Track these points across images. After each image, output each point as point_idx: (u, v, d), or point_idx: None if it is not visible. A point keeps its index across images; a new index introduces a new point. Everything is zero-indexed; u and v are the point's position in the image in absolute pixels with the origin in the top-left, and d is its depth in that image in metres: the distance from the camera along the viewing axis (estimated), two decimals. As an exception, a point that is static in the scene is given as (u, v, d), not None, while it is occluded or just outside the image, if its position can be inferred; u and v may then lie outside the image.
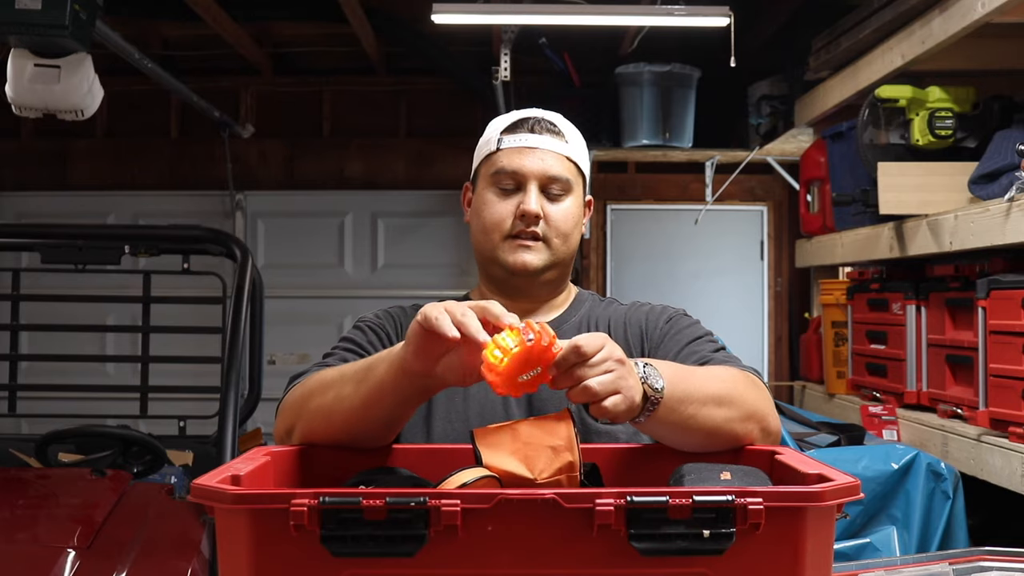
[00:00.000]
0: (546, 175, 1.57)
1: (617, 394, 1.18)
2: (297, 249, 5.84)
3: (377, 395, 1.30)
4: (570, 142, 1.61)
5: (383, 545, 0.99)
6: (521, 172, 1.56)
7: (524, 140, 1.58)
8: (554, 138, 1.59)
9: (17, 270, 3.82)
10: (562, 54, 5.23)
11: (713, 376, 1.36)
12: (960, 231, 2.92)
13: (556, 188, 1.57)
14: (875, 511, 2.96)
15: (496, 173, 1.58)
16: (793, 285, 5.72)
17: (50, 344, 4.95)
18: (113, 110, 5.73)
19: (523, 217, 1.55)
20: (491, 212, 1.58)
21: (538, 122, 1.60)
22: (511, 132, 1.59)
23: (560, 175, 1.57)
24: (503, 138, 1.59)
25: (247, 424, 4.10)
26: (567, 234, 1.59)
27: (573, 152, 1.60)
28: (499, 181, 1.58)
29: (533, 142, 1.57)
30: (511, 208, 1.57)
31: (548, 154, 1.57)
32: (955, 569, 2.09)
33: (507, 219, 1.57)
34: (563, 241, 1.59)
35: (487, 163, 1.61)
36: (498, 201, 1.58)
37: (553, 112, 1.65)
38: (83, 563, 2.46)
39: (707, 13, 3.92)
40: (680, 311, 1.64)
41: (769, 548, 1.01)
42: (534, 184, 1.56)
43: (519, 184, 1.57)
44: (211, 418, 3.24)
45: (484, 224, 1.59)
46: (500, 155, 1.58)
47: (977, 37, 2.99)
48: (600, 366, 1.18)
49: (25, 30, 2.97)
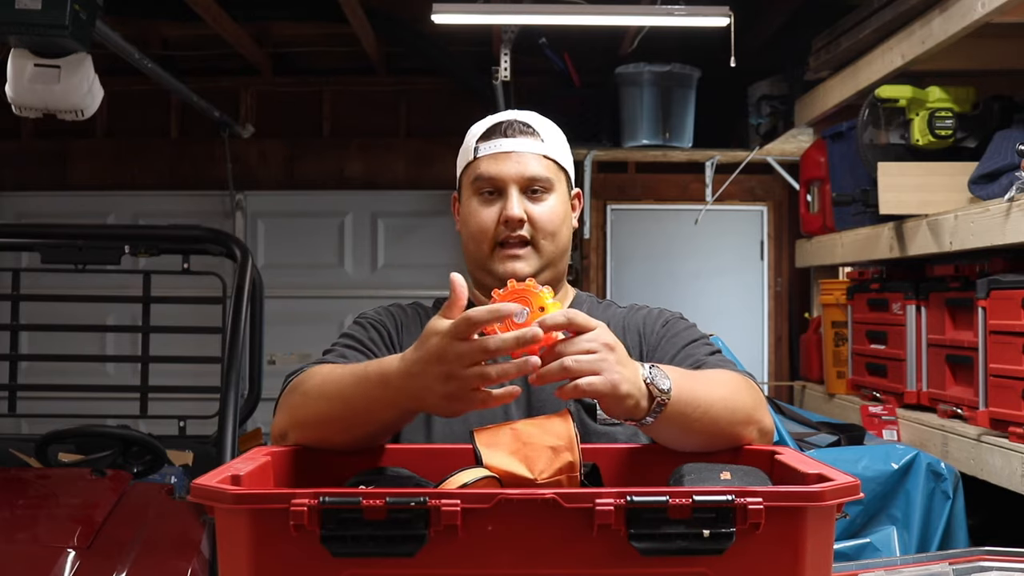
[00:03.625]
0: (524, 177, 1.57)
1: (595, 375, 1.18)
2: (297, 249, 5.84)
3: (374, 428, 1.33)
4: (546, 140, 1.61)
5: (383, 545, 0.99)
6: (499, 177, 1.57)
7: (499, 145, 1.58)
8: (529, 139, 1.59)
9: (17, 270, 3.82)
10: (562, 54, 5.23)
11: (716, 379, 1.37)
12: (960, 231, 2.92)
13: (539, 188, 1.58)
14: (875, 511, 2.96)
15: (476, 181, 1.59)
16: (793, 285, 5.72)
17: (50, 344, 4.94)
18: (113, 110, 5.73)
19: (507, 223, 1.56)
20: (476, 221, 1.59)
21: (511, 125, 1.60)
22: (486, 139, 1.60)
23: (539, 174, 1.58)
24: (479, 146, 1.60)
25: (247, 424, 4.10)
26: (554, 233, 1.59)
27: (551, 150, 1.60)
28: (480, 189, 1.59)
29: (508, 146, 1.58)
30: (494, 215, 1.57)
31: (525, 156, 1.58)
32: (955, 569, 2.09)
33: (492, 226, 1.57)
34: (551, 241, 1.59)
35: (467, 172, 1.62)
36: (482, 209, 1.59)
37: (528, 112, 1.65)
38: (83, 563, 2.46)
39: (707, 13, 3.92)
40: (677, 314, 1.64)
41: (769, 548, 1.01)
42: (514, 188, 1.57)
43: (499, 190, 1.58)
44: (211, 418, 3.24)
45: (472, 233, 1.60)
46: (478, 163, 1.59)
47: (977, 37, 2.99)
48: (581, 344, 1.18)
49: (25, 30, 2.97)
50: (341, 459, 1.35)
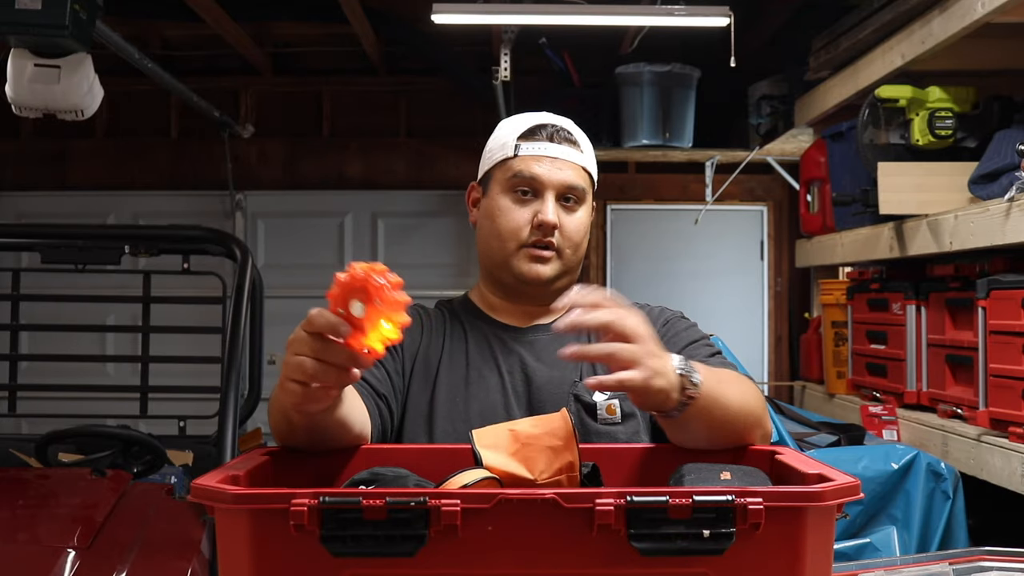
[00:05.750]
0: (564, 185, 1.57)
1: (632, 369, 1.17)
2: (297, 249, 5.84)
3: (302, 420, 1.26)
4: (584, 152, 1.61)
5: (383, 545, 0.99)
6: (540, 180, 1.56)
7: (544, 149, 1.58)
8: (571, 148, 1.59)
9: (17, 270, 3.82)
10: (562, 54, 5.23)
11: (733, 380, 1.37)
12: (960, 231, 2.92)
13: (572, 198, 1.58)
14: (875, 511, 2.96)
15: (513, 178, 1.58)
16: (793, 285, 5.72)
17: (50, 344, 4.95)
18: (113, 110, 5.74)
19: (540, 227, 1.56)
20: (508, 219, 1.58)
21: (557, 131, 1.60)
22: (529, 139, 1.59)
23: (576, 184, 1.58)
24: (520, 144, 1.59)
25: (247, 424, 4.10)
26: (578, 244, 1.60)
27: (587, 162, 1.61)
28: (516, 187, 1.58)
29: (553, 151, 1.58)
30: (528, 216, 1.57)
31: (566, 164, 1.58)
32: (955, 569, 2.09)
33: (524, 227, 1.57)
34: (574, 251, 1.60)
35: (502, 168, 1.60)
36: (515, 208, 1.58)
37: (564, 118, 1.65)
38: (83, 563, 2.46)
39: (707, 13, 3.92)
40: (678, 314, 1.65)
41: (769, 548, 1.01)
42: (551, 193, 1.57)
43: (537, 192, 1.57)
44: (211, 418, 3.24)
45: (499, 231, 1.59)
46: (517, 161, 1.58)
47: (977, 37, 2.99)
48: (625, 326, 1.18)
49: (25, 30, 2.97)
50: (341, 459, 1.35)
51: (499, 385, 1.56)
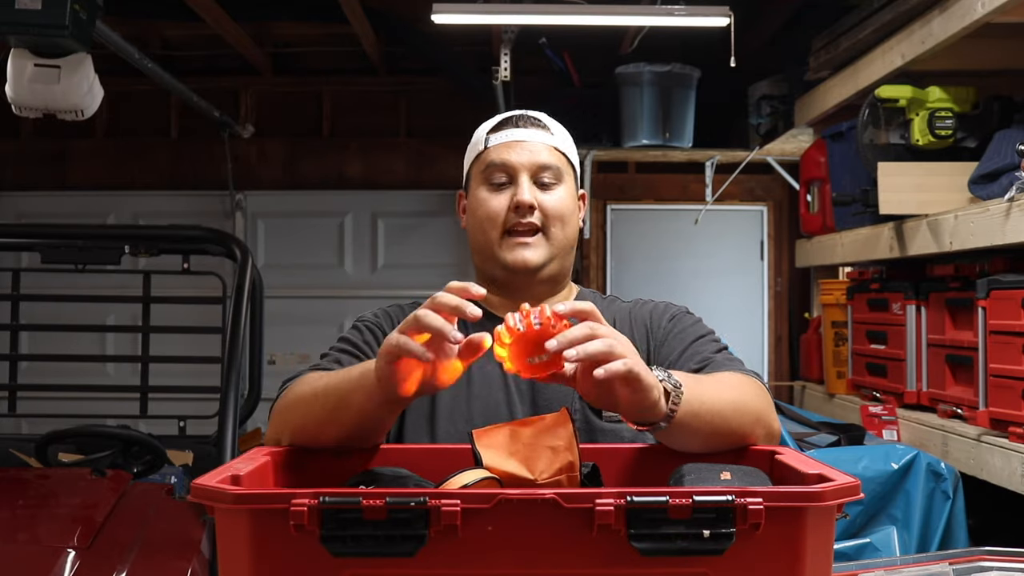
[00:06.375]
0: (536, 164, 1.58)
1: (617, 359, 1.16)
2: (297, 249, 5.84)
3: (357, 420, 1.31)
4: (556, 134, 1.63)
5: (383, 545, 0.99)
6: (510, 164, 1.58)
7: (511, 135, 1.60)
8: (540, 130, 1.61)
9: (17, 270, 3.82)
10: (562, 54, 5.23)
11: (725, 382, 1.37)
12: (960, 231, 2.92)
13: (547, 177, 1.59)
14: (875, 511, 2.96)
15: (486, 169, 1.60)
16: (793, 285, 5.72)
17: (50, 344, 4.94)
18: (113, 110, 5.73)
19: (517, 208, 1.56)
20: (486, 208, 1.59)
21: (521, 117, 1.63)
22: (497, 131, 1.62)
23: (549, 163, 1.59)
24: (490, 137, 1.62)
25: (247, 424, 4.10)
26: (563, 220, 1.59)
27: (560, 143, 1.62)
28: (490, 176, 1.59)
29: (520, 136, 1.60)
30: (504, 201, 1.58)
31: (536, 144, 1.59)
32: (955, 569, 2.09)
33: (502, 213, 1.57)
34: (561, 228, 1.59)
35: (477, 163, 1.63)
36: (492, 196, 1.59)
37: (536, 111, 1.67)
38: (83, 563, 2.46)
39: (707, 13, 3.92)
40: (683, 309, 1.64)
41: (769, 548, 1.01)
42: (525, 175, 1.58)
43: (510, 177, 1.58)
44: (211, 418, 3.24)
45: (480, 221, 1.60)
46: (489, 152, 1.60)
47: (977, 37, 2.99)
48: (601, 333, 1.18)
49: (25, 30, 2.97)
50: (341, 459, 1.35)
51: (501, 382, 1.55)
